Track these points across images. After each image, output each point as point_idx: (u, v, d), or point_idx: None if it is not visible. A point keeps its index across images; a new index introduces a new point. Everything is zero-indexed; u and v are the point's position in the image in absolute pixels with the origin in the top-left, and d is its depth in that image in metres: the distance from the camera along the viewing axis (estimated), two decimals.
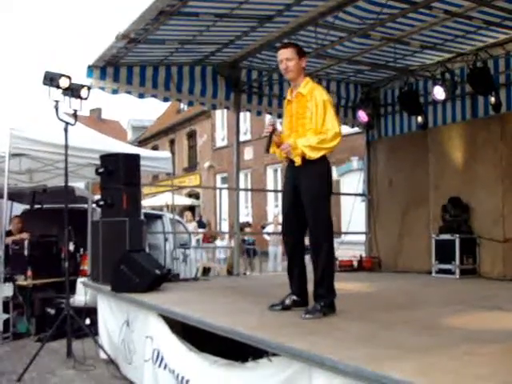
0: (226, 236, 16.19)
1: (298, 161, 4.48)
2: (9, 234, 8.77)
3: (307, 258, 5.00)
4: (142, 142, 35.73)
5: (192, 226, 17.16)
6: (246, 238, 15.81)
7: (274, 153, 4.76)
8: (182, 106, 31.22)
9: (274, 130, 4.59)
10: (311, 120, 4.46)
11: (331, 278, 4.51)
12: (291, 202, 4.65)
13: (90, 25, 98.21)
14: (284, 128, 4.76)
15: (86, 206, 8.66)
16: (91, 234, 7.26)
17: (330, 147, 4.43)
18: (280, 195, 5.41)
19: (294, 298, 4.66)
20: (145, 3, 5.97)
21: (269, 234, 16.06)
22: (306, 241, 4.74)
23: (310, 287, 4.60)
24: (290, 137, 4.56)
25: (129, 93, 8.08)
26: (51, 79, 5.99)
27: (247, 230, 17.19)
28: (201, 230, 22.41)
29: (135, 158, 6.91)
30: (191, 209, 30.44)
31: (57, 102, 6.08)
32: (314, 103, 4.45)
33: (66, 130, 6.21)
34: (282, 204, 4.89)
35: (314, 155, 4.41)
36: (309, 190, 4.48)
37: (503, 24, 6.97)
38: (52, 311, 7.70)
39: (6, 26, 77.18)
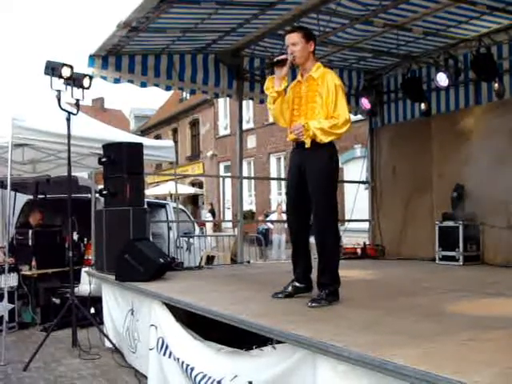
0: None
1: (308, 143, 4.39)
2: (24, 225, 8.78)
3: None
4: (144, 132, 35.77)
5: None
6: (258, 226, 15.84)
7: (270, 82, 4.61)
8: (184, 94, 31.24)
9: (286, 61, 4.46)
10: (321, 105, 4.39)
11: (336, 265, 4.48)
12: (296, 186, 4.56)
13: (90, 17, 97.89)
14: (289, 105, 4.61)
15: (89, 195, 8.67)
16: (95, 223, 7.27)
17: (339, 133, 4.37)
18: (284, 183, 5.36)
19: (297, 284, 4.64)
20: None
21: (272, 222, 16.08)
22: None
23: (314, 273, 4.60)
24: (300, 119, 4.47)
25: (131, 82, 8.06)
26: (53, 69, 5.98)
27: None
28: (211, 219, 22.62)
29: (138, 147, 6.91)
30: (194, 198, 30.53)
31: (59, 91, 6.07)
32: (326, 88, 4.37)
33: (68, 120, 6.21)
34: (287, 189, 4.78)
35: (324, 139, 4.33)
36: (317, 173, 4.39)
37: (507, 9, 6.91)
38: (57, 301, 7.75)
39: (6, 25, 77.03)
